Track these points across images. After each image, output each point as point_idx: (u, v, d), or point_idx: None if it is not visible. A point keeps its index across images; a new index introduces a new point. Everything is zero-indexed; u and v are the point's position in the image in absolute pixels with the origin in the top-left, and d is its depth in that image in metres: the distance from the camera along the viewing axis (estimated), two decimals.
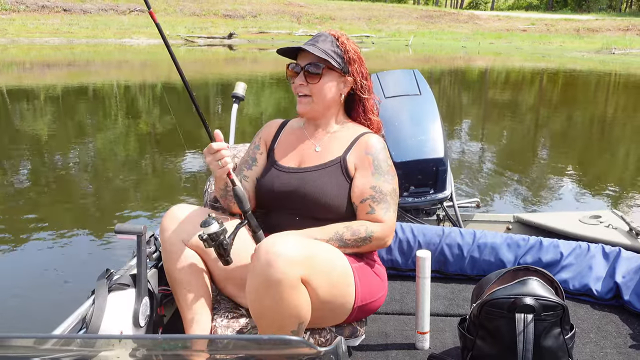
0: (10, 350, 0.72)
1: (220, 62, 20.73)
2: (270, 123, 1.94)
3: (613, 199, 5.05)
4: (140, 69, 17.36)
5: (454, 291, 2.19)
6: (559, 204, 4.90)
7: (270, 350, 0.75)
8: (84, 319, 1.55)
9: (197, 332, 1.65)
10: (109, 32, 28.52)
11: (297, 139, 1.83)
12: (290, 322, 1.41)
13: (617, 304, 2.06)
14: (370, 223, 1.66)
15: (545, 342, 1.53)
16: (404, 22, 40.74)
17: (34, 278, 3.21)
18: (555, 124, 9.37)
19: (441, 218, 2.83)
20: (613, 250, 2.14)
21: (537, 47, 29.28)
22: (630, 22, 38.69)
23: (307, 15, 39.13)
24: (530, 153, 7.10)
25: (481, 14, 46.38)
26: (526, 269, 1.67)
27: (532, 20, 41.82)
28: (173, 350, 0.75)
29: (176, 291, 1.68)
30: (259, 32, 32.04)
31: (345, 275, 1.59)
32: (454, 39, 32.67)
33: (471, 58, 24.13)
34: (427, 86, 2.82)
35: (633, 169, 6.47)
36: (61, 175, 5.40)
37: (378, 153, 1.72)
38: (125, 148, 6.72)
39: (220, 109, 10.05)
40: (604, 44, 27.52)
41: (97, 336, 1.26)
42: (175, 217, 1.67)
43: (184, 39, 28.37)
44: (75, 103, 10.03)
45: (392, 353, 1.75)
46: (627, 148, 7.55)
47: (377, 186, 1.69)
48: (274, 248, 1.38)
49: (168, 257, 1.67)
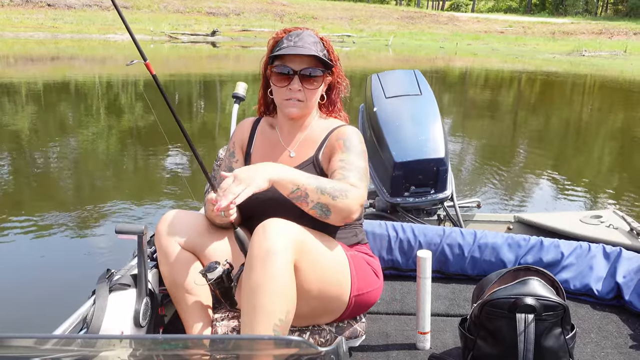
0: (11, 350, 0.72)
1: (204, 59, 20.86)
2: (241, 125, 1.87)
3: (614, 198, 5.05)
4: (123, 63, 17.53)
5: (455, 291, 2.19)
6: (559, 204, 4.90)
7: (270, 350, 0.75)
8: (84, 319, 1.55)
9: (197, 333, 1.65)
10: (94, 28, 28.84)
11: (271, 145, 1.80)
12: (278, 307, 1.39)
13: (618, 304, 2.06)
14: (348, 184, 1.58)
15: (546, 342, 1.53)
16: (385, 22, 41.36)
17: (34, 278, 3.21)
18: (532, 124, 9.43)
19: (442, 218, 2.83)
20: (614, 250, 2.14)
21: (512, 48, 30.04)
22: (604, 25, 39.82)
23: (290, 14, 39.68)
24: (515, 152, 7.10)
25: (461, 16, 47.37)
26: (527, 269, 1.67)
27: (510, 23, 42.70)
28: (174, 351, 0.75)
29: (175, 294, 1.68)
30: (242, 30, 32.48)
31: (340, 262, 1.59)
32: (433, 39, 33.49)
33: (450, 58, 24.52)
34: (427, 86, 2.83)
35: (633, 169, 6.47)
36: (61, 174, 5.40)
37: (350, 137, 1.68)
38: (120, 145, 6.73)
39: (202, 107, 10.10)
40: (575, 47, 28.42)
41: (97, 336, 1.26)
42: (170, 221, 1.68)
43: (168, 35, 28.71)
44: (64, 97, 10.04)
45: (393, 353, 1.75)
46: (624, 148, 7.55)
47: (347, 159, 1.63)
48: (271, 226, 1.41)
49: (165, 261, 1.68)
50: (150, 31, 28.57)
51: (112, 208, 4.41)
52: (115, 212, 4.32)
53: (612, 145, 7.80)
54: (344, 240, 1.72)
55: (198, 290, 1.68)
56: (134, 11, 34.93)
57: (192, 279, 1.67)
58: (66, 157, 6.04)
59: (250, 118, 1.90)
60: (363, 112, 2.98)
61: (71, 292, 3.03)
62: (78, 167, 5.68)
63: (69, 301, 1.93)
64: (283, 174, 1.47)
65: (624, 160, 6.95)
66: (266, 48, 1.74)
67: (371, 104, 2.78)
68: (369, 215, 2.76)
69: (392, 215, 2.74)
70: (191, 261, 1.68)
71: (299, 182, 1.47)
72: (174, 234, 1.67)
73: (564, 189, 5.42)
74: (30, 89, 11.00)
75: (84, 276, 3.21)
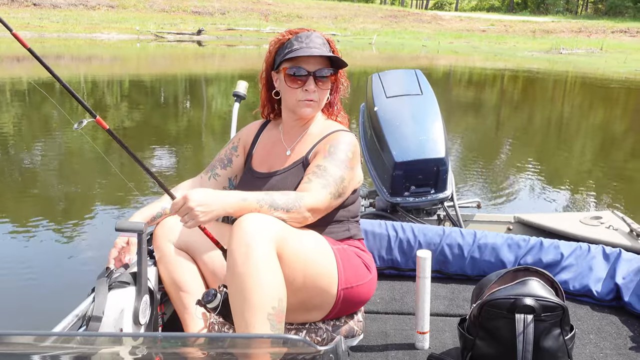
0: (11, 347, 0.72)
1: (189, 58, 20.98)
2: (250, 125, 1.93)
3: (614, 199, 5.05)
4: (109, 63, 17.60)
5: (454, 291, 2.19)
6: (559, 205, 4.90)
7: (270, 348, 0.75)
8: (84, 316, 1.55)
9: (195, 331, 1.66)
10: (80, 27, 28.95)
11: (273, 144, 1.83)
12: (268, 296, 1.39)
13: (617, 305, 2.06)
14: (302, 192, 1.59)
15: (545, 343, 1.53)
16: (369, 21, 41.67)
17: (33, 275, 3.21)
18: (514, 121, 9.46)
19: (442, 218, 2.83)
20: (613, 252, 2.14)
21: (493, 46, 30.43)
22: (583, 24, 40.31)
23: (275, 13, 40.01)
24: (504, 150, 7.10)
25: (444, 15, 47.68)
26: (526, 269, 1.67)
27: (492, 22, 43.07)
28: (173, 348, 0.75)
29: (173, 294, 1.72)
30: (228, 29, 32.64)
31: (324, 252, 1.59)
32: (416, 38, 33.88)
33: (434, 57, 24.74)
34: (428, 86, 2.82)
35: (633, 168, 6.46)
36: (61, 173, 5.40)
37: (339, 144, 1.69)
38: None
39: (188, 105, 10.15)
40: (553, 45, 28.84)
41: (97, 334, 1.27)
42: (167, 224, 1.72)
43: (154, 34, 28.93)
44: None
45: (392, 353, 1.75)
46: (619, 148, 7.55)
47: (322, 165, 1.64)
48: (248, 221, 1.42)
49: (162, 262, 1.71)
50: (137, 30, 28.84)
51: (112, 207, 4.41)
52: (114, 210, 4.32)
53: (611, 146, 7.80)
54: (333, 235, 1.72)
55: (196, 290, 1.70)
56: (119, 10, 35.22)
57: (189, 280, 1.70)
58: (48, 155, 6.04)
59: (259, 121, 1.94)
60: (364, 111, 2.98)
61: (70, 289, 3.03)
62: (63, 167, 5.68)
63: (68, 298, 1.93)
64: (235, 204, 1.47)
65: (624, 160, 6.95)
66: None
67: (372, 104, 2.78)
68: (369, 215, 2.76)
69: (392, 215, 2.74)
70: (188, 262, 1.72)
71: (252, 207, 1.48)
72: (170, 235, 1.71)
73: (564, 189, 5.42)
74: (16, 89, 11.01)
75: (83, 273, 3.22)
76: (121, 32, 28.15)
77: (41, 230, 3.87)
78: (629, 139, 8.34)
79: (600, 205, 4.88)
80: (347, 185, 1.68)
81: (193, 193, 1.41)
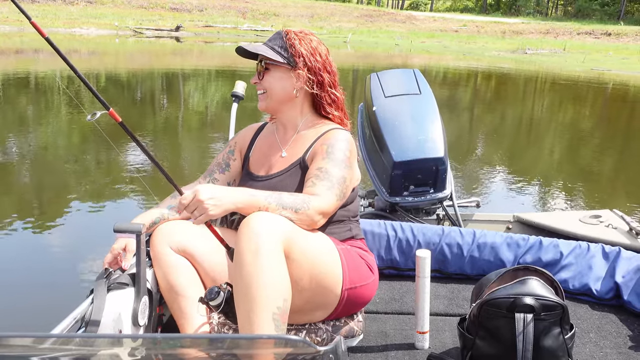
0: (9, 349, 0.72)
1: (168, 54, 21.14)
2: (247, 128, 1.94)
3: (613, 198, 5.05)
4: (88, 57, 17.67)
5: (454, 291, 2.19)
6: (559, 204, 4.90)
7: (270, 349, 0.75)
8: (82, 318, 1.55)
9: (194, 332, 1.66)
10: (59, 22, 29.04)
11: (269, 146, 1.84)
12: (274, 296, 1.39)
13: (616, 303, 2.06)
14: (310, 195, 1.60)
15: (544, 342, 1.53)
16: (345, 20, 42.22)
17: (32, 277, 3.21)
18: (492, 121, 9.48)
19: (441, 217, 2.83)
20: (613, 250, 2.14)
21: (463, 46, 31.15)
22: (551, 25, 41.26)
23: (252, 11, 40.62)
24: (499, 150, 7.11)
25: (418, 15, 48.46)
26: (526, 268, 1.67)
27: (465, 22, 43.77)
28: (172, 350, 0.75)
29: (170, 298, 1.71)
30: (205, 26, 33.01)
31: (330, 252, 1.60)
32: (390, 37, 34.51)
33: (407, 56, 25.22)
34: (427, 85, 2.82)
35: (632, 169, 6.47)
36: (61, 172, 5.39)
37: (335, 143, 1.69)
38: None
39: (165, 102, 10.12)
40: (519, 45, 29.90)
41: (96, 335, 1.26)
42: (164, 229, 1.72)
43: (132, 30, 29.27)
44: None
45: (392, 353, 1.75)
46: (616, 148, 7.56)
47: (324, 167, 1.64)
48: (256, 220, 1.43)
49: (159, 266, 1.70)
50: (115, 26, 29.11)
51: (110, 206, 4.40)
52: (113, 210, 4.32)
53: (610, 145, 7.81)
54: (336, 235, 1.72)
55: (193, 294, 1.69)
56: (98, 6, 35.52)
57: (186, 284, 1.69)
58: (34, 152, 6.03)
59: (257, 124, 1.95)
60: (362, 111, 2.98)
61: (69, 291, 3.02)
62: (63, 167, 5.67)
63: (67, 300, 1.93)
64: (245, 200, 1.49)
65: (624, 160, 6.96)
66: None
67: (370, 103, 2.78)
68: (368, 214, 2.76)
69: (391, 215, 2.74)
70: (186, 266, 1.71)
71: (260, 204, 1.50)
72: (168, 239, 1.70)
73: (564, 188, 5.42)
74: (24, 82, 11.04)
75: (82, 274, 3.21)
76: (100, 28, 28.60)
77: (40, 230, 3.86)
78: (598, 140, 8.35)
79: (600, 204, 4.88)
80: (349, 184, 1.69)
81: (203, 187, 1.44)
